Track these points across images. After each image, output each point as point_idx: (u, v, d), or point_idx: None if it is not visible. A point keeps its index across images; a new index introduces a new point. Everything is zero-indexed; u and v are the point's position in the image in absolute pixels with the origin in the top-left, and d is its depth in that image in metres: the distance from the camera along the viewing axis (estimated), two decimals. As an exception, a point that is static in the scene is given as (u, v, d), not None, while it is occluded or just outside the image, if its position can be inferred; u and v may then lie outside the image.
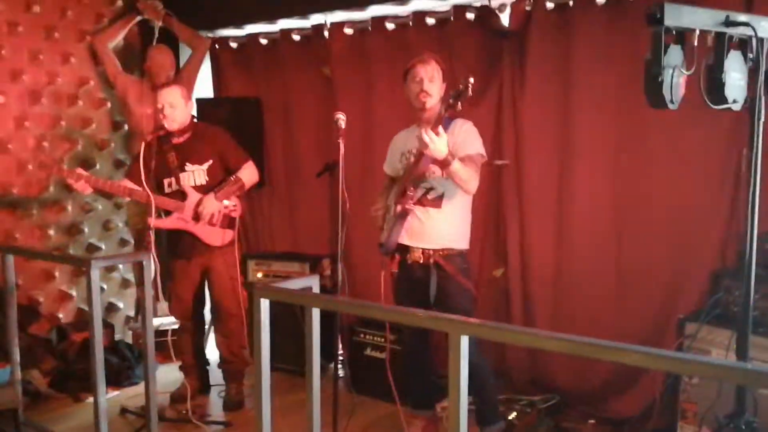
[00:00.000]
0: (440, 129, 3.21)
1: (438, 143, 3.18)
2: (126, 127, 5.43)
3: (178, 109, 4.10)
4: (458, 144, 3.42)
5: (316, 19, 5.01)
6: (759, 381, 1.75)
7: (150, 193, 3.98)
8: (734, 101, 2.49)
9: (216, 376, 4.62)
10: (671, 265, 3.82)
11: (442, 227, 3.51)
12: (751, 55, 2.52)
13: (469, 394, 3.83)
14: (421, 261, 3.54)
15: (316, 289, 2.74)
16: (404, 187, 3.51)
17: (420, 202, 3.50)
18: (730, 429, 2.56)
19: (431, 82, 3.50)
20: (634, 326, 3.90)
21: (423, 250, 3.53)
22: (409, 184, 3.49)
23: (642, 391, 3.85)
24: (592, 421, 3.97)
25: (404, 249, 3.59)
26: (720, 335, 3.30)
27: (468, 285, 3.58)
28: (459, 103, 3.17)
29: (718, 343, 3.31)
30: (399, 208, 3.52)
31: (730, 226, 3.62)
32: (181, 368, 4.49)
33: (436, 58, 3.58)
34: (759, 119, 2.51)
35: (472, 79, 3.12)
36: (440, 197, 3.49)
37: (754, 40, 2.49)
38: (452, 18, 4.42)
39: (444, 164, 3.28)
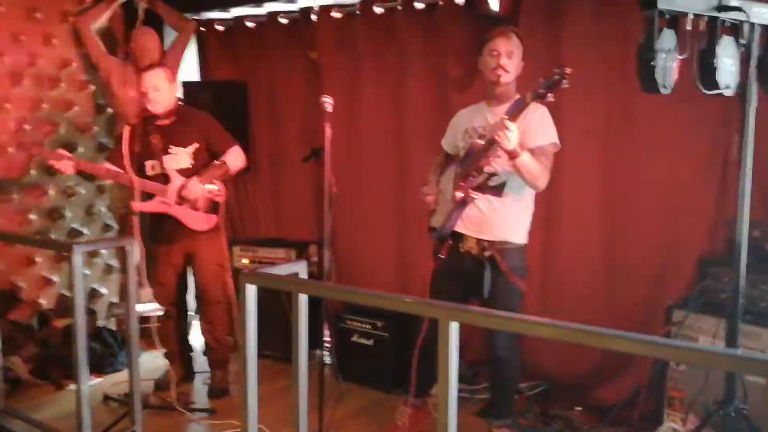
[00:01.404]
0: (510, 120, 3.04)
1: (511, 135, 3.00)
2: (109, 110, 5.35)
3: (163, 92, 4.04)
4: (529, 132, 3.22)
5: (304, 2, 4.95)
6: (750, 367, 1.74)
7: (133, 176, 3.93)
8: (726, 86, 2.48)
9: (201, 363, 4.59)
10: (659, 251, 3.82)
11: (501, 217, 3.32)
12: (742, 40, 2.51)
13: (490, 385, 3.83)
14: (475, 252, 3.37)
15: (304, 275, 2.70)
16: (467, 172, 3.31)
17: (480, 188, 3.30)
18: (720, 416, 2.55)
19: (509, 58, 3.30)
20: (622, 313, 3.90)
21: (478, 240, 3.35)
22: (472, 169, 3.29)
23: (629, 378, 3.85)
24: (579, 408, 3.97)
25: (457, 236, 3.40)
26: (707, 322, 3.31)
27: (520, 285, 3.41)
28: (550, 94, 3.00)
29: (705, 331, 3.31)
30: (460, 194, 3.31)
31: (718, 212, 3.62)
32: (165, 355, 4.45)
33: (518, 32, 3.38)
34: (750, 104, 2.50)
35: (569, 70, 2.95)
36: (502, 185, 3.30)
37: (746, 25, 2.48)
38: (441, 2, 4.38)
39: (512, 155, 3.09)
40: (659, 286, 3.80)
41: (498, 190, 3.30)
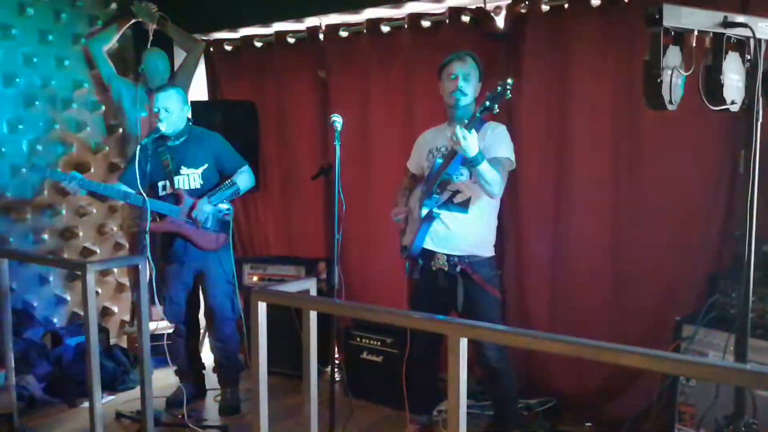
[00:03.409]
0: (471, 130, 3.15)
1: (469, 141, 3.10)
2: (120, 130, 5.41)
3: (173, 112, 4.07)
4: (488, 147, 3.35)
5: (311, 22, 5.00)
6: (759, 382, 1.74)
7: (145, 196, 3.96)
8: (732, 102, 2.49)
9: (212, 380, 4.60)
10: (667, 266, 3.82)
11: (468, 232, 3.43)
12: (748, 56, 2.52)
13: (490, 400, 3.85)
14: (446, 269, 3.45)
15: (314, 292, 2.73)
16: (431, 189, 3.41)
17: (445, 205, 3.41)
18: (730, 431, 2.55)
19: (466, 81, 3.43)
20: (630, 328, 3.89)
21: (448, 256, 3.45)
22: (436, 187, 3.39)
23: (639, 393, 3.84)
24: (589, 424, 3.95)
25: (428, 254, 3.48)
26: (716, 337, 3.28)
27: (496, 293, 3.50)
28: (496, 106, 3.12)
29: (714, 346, 3.29)
30: (425, 211, 3.40)
31: (726, 227, 3.61)
32: (176, 372, 4.47)
33: (474, 56, 3.51)
34: (757, 120, 2.50)
35: (511, 81, 3.07)
36: (467, 201, 3.41)
37: (752, 41, 2.49)
38: (447, 20, 4.41)
39: (473, 163, 3.19)
40: (668, 301, 3.79)
41: (463, 206, 3.42)
